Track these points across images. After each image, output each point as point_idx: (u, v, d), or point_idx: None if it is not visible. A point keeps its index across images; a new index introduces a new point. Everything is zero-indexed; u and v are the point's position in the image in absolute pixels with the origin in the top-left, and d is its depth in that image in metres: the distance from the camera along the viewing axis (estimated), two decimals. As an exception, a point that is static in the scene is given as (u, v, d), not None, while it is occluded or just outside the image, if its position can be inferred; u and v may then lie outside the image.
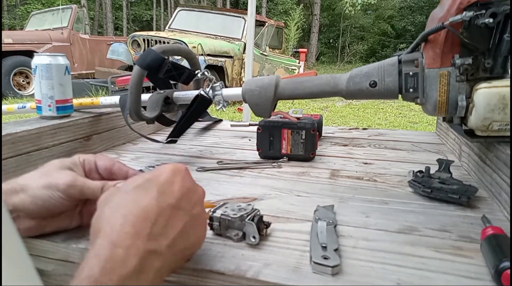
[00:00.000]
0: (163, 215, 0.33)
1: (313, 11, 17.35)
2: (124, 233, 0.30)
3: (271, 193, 0.58)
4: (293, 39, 12.23)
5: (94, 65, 6.55)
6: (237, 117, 4.25)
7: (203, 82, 0.87)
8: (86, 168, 0.44)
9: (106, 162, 0.45)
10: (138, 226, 0.31)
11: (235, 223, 0.42)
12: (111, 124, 0.87)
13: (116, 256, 0.29)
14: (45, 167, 0.42)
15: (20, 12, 16.82)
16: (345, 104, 5.66)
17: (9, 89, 5.52)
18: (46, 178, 0.40)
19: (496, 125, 0.51)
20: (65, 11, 6.45)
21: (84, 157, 0.45)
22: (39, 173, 0.41)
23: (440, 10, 0.54)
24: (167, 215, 0.33)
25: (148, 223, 0.32)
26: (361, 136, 1.02)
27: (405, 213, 0.51)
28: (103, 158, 0.46)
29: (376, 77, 0.59)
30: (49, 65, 0.73)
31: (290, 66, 6.46)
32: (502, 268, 0.33)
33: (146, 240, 0.31)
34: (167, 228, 0.33)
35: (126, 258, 0.29)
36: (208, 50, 5.14)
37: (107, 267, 0.28)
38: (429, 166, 0.61)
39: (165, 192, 0.34)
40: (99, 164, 0.45)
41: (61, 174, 0.41)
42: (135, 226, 0.31)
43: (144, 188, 0.34)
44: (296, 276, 0.35)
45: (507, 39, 0.49)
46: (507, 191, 0.49)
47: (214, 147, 0.89)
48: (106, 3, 17.10)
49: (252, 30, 2.49)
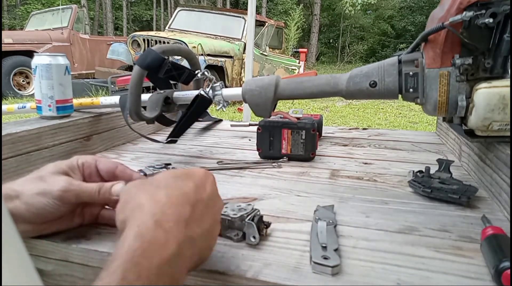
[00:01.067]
0: (199, 206, 0.33)
1: (313, 11, 17.35)
2: (167, 214, 0.30)
3: (271, 193, 0.58)
4: (293, 39, 12.23)
5: (94, 65, 6.55)
6: (237, 117, 4.25)
7: (203, 82, 0.87)
8: (86, 172, 0.43)
9: (108, 165, 0.44)
10: (180, 208, 0.31)
11: (235, 223, 0.42)
12: (111, 124, 0.87)
13: (159, 238, 0.28)
14: (40, 171, 0.41)
15: (20, 12, 16.82)
16: (345, 104, 5.66)
17: (9, 89, 5.52)
18: (41, 184, 0.39)
19: (496, 125, 0.51)
20: (65, 11, 6.45)
21: (83, 160, 0.44)
22: (33, 178, 0.40)
23: (440, 10, 0.54)
24: (201, 208, 0.33)
25: (188, 207, 0.32)
26: (361, 136, 1.02)
27: (405, 213, 0.51)
28: (104, 161, 0.45)
29: (376, 77, 0.59)
30: (49, 65, 0.73)
31: (290, 66, 6.46)
32: (502, 268, 0.33)
33: (185, 225, 0.31)
34: (201, 219, 0.33)
35: (167, 241, 0.28)
36: (208, 50, 5.14)
37: (150, 248, 0.27)
38: (429, 166, 0.61)
39: (200, 188, 0.35)
40: (101, 167, 0.44)
41: (55, 180, 0.40)
42: (178, 208, 0.31)
43: (182, 179, 0.35)
44: (296, 276, 0.35)
45: (507, 39, 0.49)
46: (507, 191, 0.49)
47: (214, 147, 0.89)
48: (106, 3, 17.10)
49: (252, 30, 2.50)
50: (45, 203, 0.38)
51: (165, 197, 0.32)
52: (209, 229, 0.34)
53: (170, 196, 0.32)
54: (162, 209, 0.31)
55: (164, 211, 0.30)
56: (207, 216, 0.34)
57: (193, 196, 0.33)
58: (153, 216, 0.30)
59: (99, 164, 0.44)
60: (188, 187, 0.34)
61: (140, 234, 0.28)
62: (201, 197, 0.34)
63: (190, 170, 0.37)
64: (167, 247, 0.28)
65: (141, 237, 0.28)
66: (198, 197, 0.34)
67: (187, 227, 0.31)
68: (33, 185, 0.39)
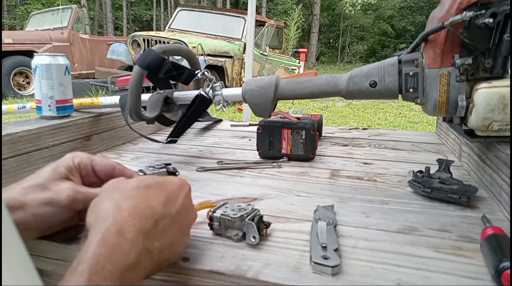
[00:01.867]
0: (164, 221, 0.34)
1: (313, 11, 17.35)
2: (131, 225, 0.31)
3: (271, 193, 0.58)
4: (293, 39, 12.23)
5: (94, 65, 6.55)
6: (237, 117, 4.25)
7: (203, 82, 0.87)
8: (83, 173, 0.43)
9: (105, 167, 0.44)
10: (143, 221, 0.32)
11: (235, 223, 0.42)
12: (111, 124, 0.87)
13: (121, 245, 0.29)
14: (40, 178, 0.39)
15: (20, 12, 16.82)
16: (345, 104, 5.66)
17: (9, 89, 5.52)
18: (45, 193, 0.38)
19: (496, 125, 0.51)
20: (65, 11, 6.45)
21: (79, 159, 0.43)
22: (35, 186, 0.39)
23: (440, 10, 0.54)
24: (166, 222, 0.34)
25: (151, 221, 0.32)
26: (361, 136, 1.02)
27: (405, 213, 0.51)
28: (100, 161, 0.44)
29: (376, 77, 0.59)
30: (49, 65, 0.73)
31: (290, 66, 6.46)
32: (502, 268, 0.33)
33: (144, 238, 0.31)
34: (163, 234, 0.33)
35: (129, 250, 0.29)
36: (208, 50, 5.14)
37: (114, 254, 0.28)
38: (429, 166, 0.61)
39: (170, 201, 0.35)
40: (98, 169, 0.44)
41: (59, 187, 0.39)
42: (141, 220, 0.32)
43: (154, 190, 0.35)
44: (296, 276, 0.35)
45: (507, 39, 0.49)
46: (507, 191, 0.49)
47: (214, 147, 0.89)
48: (106, 3, 17.10)
49: (252, 30, 2.49)
50: (53, 213, 0.39)
51: (130, 207, 0.32)
52: (172, 243, 0.34)
53: (135, 207, 0.32)
54: (125, 219, 0.31)
55: (127, 221, 0.31)
56: (171, 230, 0.34)
57: (160, 210, 0.34)
58: (115, 225, 0.30)
59: (96, 166, 0.44)
60: (156, 200, 0.34)
61: (104, 241, 0.29)
62: (168, 212, 0.34)
63: (165, 180, 0.37)
64: (129, 255, 0.29)
65: (105, 243, 0.29)
66: (166, 211, 0.34)
67: (147, 240, 0.31)
68: (37, 195, 0.38)
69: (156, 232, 0.33)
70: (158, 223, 0.33)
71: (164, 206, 0.34)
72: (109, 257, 0.28)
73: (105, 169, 0.44)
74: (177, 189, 0.37)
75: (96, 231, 0.30)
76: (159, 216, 0.33)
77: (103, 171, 0.44)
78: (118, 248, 0.29)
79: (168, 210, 0.34)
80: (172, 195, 0.36)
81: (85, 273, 0.27)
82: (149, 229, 0.32)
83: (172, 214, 0.35)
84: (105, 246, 0.29)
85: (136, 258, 0.30)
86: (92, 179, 0.44)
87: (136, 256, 0.30)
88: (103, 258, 0.28)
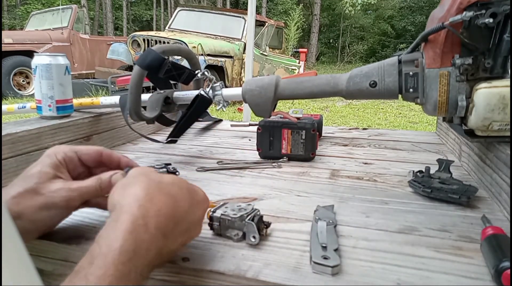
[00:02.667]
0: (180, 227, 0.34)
1: (313, 11, 17.35)
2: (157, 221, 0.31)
3: (271, 193, 0.58)
4: (293, 39, 12.22)
5: (94, 65, 6.55)
6: (237, 117, 4.25)
7: (203, 82, 0.87)
8: (70, 166, 0.42)
9: (92, 155, 0.43)
10: (168, 221, 0.32)
11: (235, 223, 0.42)
12: (111, 124, 0.87)
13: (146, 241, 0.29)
14: (28, 181, 0.38)
15: (20, 12, 16.82)
16: (345, 104, 5.66)
17: (9, 89, 5.52)
18: (39, 198, 0.37)
19: (496, 125, 0.51)
20: (65, 11, 6.44)
21: (62, 154, 0.41)
22: (25, 193, 0.37)
23: (440, 10, 0.54)
24: (181, 229, 0.34)
25: (172, 223, 0.33)
26: (361, 136, 1.02)
27: (405, 213, 0.51)
28: (86, 149, 0.43)
29: (376, 77, 0.59)
30: (49, 65, 0.73)
31: (290, 66, 6.45)
32: (502, 268, 0.33)
33: (163, 237, 0.31)
34: (176, 237, 0.34)
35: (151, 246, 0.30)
36: (208, 50, 5.14)
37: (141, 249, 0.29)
38: (429, 166, 0.61)
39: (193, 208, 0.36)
40: (85, 158, 0.43)
41: (52, 188, 0.38)
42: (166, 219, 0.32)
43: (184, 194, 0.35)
44: (296, 276, 0.35)
45: (507, 39, 0.49)
46: (507, 191, 0.49)
47: (214, 147, 0.89)
48: (106, 3, 17.10)
49: (252, 30, 2.49)
50: (51, 216, 0.39)
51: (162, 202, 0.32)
52: (176, 249, 0.35)
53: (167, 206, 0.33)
54: (154, 213, 0.31)
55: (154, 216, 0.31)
56: (181, 237, 0.35)
57: (183, 215, 0.34)
58: (144, 218, 0.30)
59: (82, 156, 0.43)
60: (183, 205, 0.34)
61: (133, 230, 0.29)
62: (187, 220, 0.35)
63: (194, 188, 0.38)
64: (150, 251, 0.30)
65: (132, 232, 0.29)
66: (185, 218, 0.34)
67: (164, 239, 0.32)
68: (31, 202, 0.37)
69: (174, 233, 0.33)
70: (177, 227, 0.33)
71: (186, 212, 0.34)
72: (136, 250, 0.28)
73: (92, 157, 0.43)
74: (201, 201, 0.37)
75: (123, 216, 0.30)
76: (179, 220, 0.34)
77: (90, 159, 0.43)
78: (143, 243, 0.29)
79: (187, 216, 0.35)
80: (195, 205, 0.36)
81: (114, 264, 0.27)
82: (169, 230, 0.32)
83: (188, 222, 0.35)
84: (134, 238, 0.29)
85: (155, 255, 0.30)
86: (79, 170, 0.43)
87: (155, 253, 0.30)
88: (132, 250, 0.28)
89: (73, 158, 0.42)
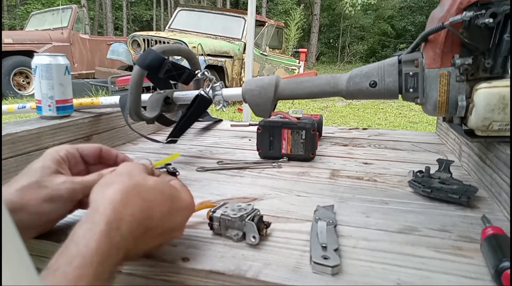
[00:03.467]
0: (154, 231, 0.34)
1: (313, 11, 17.35)
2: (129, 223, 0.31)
3: (271, 193, 0.58)
4: (293, 39, 12.22)
5: (94, 65, 6.55)
6: (237, 117, 4.25)
7: (203, 82, 0.87)
8: (72, 162, 0.43)
9: (92, 151, 0.44)
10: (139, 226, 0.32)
11: (235, 223, 0.42)
12: (111, 124, 0.87)
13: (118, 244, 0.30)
14: (31, 175, 0.38)
15: (20, 12, 16.82)
16: (345, 104, 5.66)
17: (9, 89, 5.52)
18: (43, 190, 0.38)
19: (496, 125, 0.51)
20: (65, 11, 6.44)
21: (65, 151, 0.42)
22: (29, 186, 0.38)
23: (440, 10, 0.54)
24: (155, 233, 0.35)
25: (143, 228, 0.33)
26: (361, 136, 1.02)
27: (405, 213, 0.51)
28: (86, 146, 0.44)
29: (376, 77, 0.59)
30: (49, 65, 0.73)
31: (290, 66, 6.46)
32: (502, 268, 0.33)
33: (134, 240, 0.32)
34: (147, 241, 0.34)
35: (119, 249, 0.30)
36: (208, 50, 5.14)
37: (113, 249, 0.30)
38: (429, 166, 0.61)
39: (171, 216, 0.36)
40: (86, 153, 0.44)
41: (56, 181, 0.39)
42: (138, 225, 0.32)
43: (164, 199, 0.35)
44: (296, 276, 0.35)
45: (507, 39, 0.49)
46: (507, 191, 0.49)
47: (214, 147, 0.89)
48: (106, 3, 17.10)
49: (252, 30, 2.49)
50: (54, 208, 0.39)
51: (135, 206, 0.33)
52: (147, 250, 0.36)
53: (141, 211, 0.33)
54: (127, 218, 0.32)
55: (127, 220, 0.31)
56: (155, 240, 0.35)
57: (157, 221, 0.34)
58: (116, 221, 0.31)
59: (83, 151, 0.44)
60: (160, 210, 0.35)
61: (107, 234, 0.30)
62: (162, 225, 0.35)
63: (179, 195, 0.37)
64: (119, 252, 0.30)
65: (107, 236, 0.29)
66: (160, 223, 0.35)
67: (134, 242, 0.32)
68: (35, 194, 0.38)
69: (144, 238, 0.33)
70: (148, 231, 0.34)
71: (162, 218, 0.35)
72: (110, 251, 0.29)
73: (93, 152, 0.44)
74: (183, 208, 0.38)
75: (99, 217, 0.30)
76: (153, 226, 0.34)
77: (91, 154, 0.44)
78: (115, 245, 0.30)
79: (163, 223, 0.35)
80: (175, 212, 0.36)
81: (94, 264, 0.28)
82: (139, 235, 0.32)
83: (163, 228, 0.35)
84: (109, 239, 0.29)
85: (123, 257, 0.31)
86: (80, 167, 0.44)
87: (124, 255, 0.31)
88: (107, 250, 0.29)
89: (74, 154, 0.43)
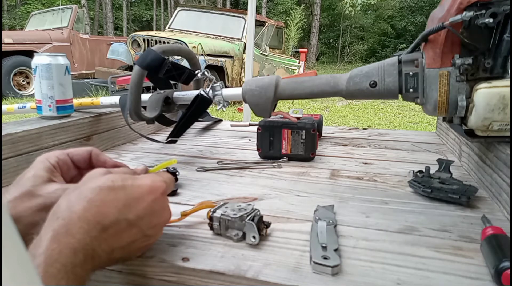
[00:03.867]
0: (117, 226, 0.34)
1: (313, 11, 17.36)
2: (79, 226, 0.32)
3: (271, 193, 0.58)
4: (293, 39, 12.23)
5: (94, 65, 6.55)
6: (237, 117, 4.25)
7: (203, 82, 0.87)
8: (64, 169, 0.43)
9: (83, 155, 0.44)
10: (90, 226, 0.32)
11: (235, 223, 0.42)
12: (111, 124, 0.87)
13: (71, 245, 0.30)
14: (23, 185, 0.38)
15: (20, 12, 16.82)
16: (345, 104, 5.66)
17: (9, 89, 5.52)
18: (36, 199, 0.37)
19: (496, 125, 0.51)
20: (65, 11, 6.45)
21: (55, 158, 0.42)
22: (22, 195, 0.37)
23: (440, 10, 0.54)
24: (120, 227, 0.34)
25: (99, 227, 0.33)
26: (361, 136, 1.02)
27: (405, 213, 0.51)
28: (76, 151, 0.44)
29: (376, 77, 0.59)
30: (49, 65, 0.73)
31: (290, 66, 6.46)
32: (502, 268, 0.33)
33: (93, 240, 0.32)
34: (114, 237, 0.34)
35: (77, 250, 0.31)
36: (208, 50, 5.14)
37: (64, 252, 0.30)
38: (429, 166, 0.61)
39: (130, 206, 0.35)
40: (77, 159, 0.44)
41: (48, 190, 0.38)
42: (89, 225, 0.32)
43: (115, 194, 0.35)
44: (296, 276, 0.35)
45: (507, 39, 0.49)
46: (507, 191, 0.49)
47: (214, 147, 0.89)
48: (106, 3, 17.10)
49: (252, 30, 2.49)
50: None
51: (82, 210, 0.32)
52: (127, 245, 0.35)
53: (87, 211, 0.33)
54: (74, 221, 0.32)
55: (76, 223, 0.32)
56: (127, 234, 0.34)
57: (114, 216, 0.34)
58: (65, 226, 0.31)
59: (74, 157, 0.44)
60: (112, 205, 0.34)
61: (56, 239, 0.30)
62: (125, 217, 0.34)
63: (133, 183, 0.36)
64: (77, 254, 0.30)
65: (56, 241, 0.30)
66: (121, 217, 0.34)
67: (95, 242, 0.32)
68: (28, 204, 0.37)
69: (105, 236, 0.33)
70: (108, 229, 0.33)
71: (119, 211, 0.34)
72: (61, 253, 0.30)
73: (83, 157, 0.44)
74: (145, 193, 0.36)
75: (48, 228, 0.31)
76: (111, 222, 0.33)
77: (82, 159, 0.44)
78: (67, 247, 0.30)
79: (124, 215, 0.34)
80: (134, 200, 0.35)
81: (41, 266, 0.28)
82: (96, 234, 0.32)
83: (129, 219, 0.34)
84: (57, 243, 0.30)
85: (84, 257, 0.31)
86: (72, 173, 0.44)
87: (84, 256, 0.31)
88: (56, 253, 0.29)
89: (65, 160, 0.43)
